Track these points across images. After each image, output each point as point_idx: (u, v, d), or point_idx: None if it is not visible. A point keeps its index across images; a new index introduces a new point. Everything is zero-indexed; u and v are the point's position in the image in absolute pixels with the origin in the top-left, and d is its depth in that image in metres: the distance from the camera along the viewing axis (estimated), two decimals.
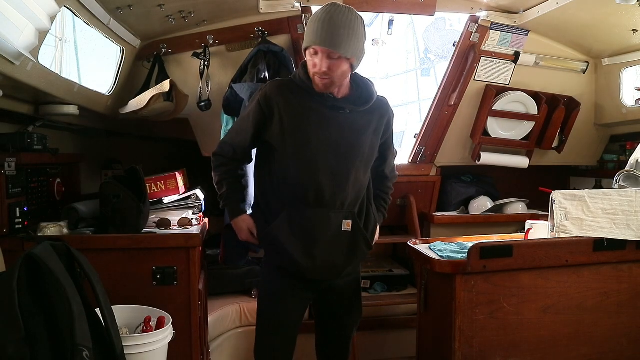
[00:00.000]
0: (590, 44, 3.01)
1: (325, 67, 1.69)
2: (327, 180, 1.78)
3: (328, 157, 1.78)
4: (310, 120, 1.78)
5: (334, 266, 1.85)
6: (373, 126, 1.86)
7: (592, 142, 3.43)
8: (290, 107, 1.79)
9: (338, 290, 1.93)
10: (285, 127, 1.78)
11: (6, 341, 1.29)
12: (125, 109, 2.54)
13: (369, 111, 1.85)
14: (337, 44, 1.67)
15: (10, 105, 2.04)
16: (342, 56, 1.69)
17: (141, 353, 1.72)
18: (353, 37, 1.69)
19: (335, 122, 1.80)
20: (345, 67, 1.73)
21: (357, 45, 1.72)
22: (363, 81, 1.88)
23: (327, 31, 1.66)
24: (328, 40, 1.67)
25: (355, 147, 1.82)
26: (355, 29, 1.70)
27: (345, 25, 1.67)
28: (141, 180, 2.22)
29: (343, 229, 1.83)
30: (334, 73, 1.71)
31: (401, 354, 2.90)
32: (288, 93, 1.80)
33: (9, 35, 1.53)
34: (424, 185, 3.35)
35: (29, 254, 1.42)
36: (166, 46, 2.69)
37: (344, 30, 1.67)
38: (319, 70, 1.71)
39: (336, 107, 1.80)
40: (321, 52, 1.69)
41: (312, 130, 1.78)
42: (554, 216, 2.07)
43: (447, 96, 3.13)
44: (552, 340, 2.01)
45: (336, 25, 1.66)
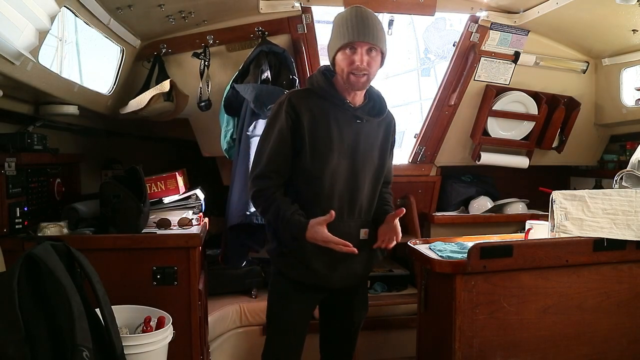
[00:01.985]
0: (590, 44, 3.01)
1: (366, 62, 1.70)
2: (346, 189, 1.80)
3: (347, 166, 1.79)
4: (331, 130, 1.76)
5: (354, 275, 1.87)
6: (383, 136, 1.88)
7: (592, 142, 3.43)
8: (313, 116, 1.76)
9: (348, 290, 1.93)
10: (309, 136, 1.75)
11: (6, 341, 1.29)
12: (125, 109, 2.54)
13: (379, 122, 1.87)
14: (377, 37, 1.70)
15: (10, 105, 2.04)
16: (379, 50, 1.72)
17: (141, 353, 1.72)
18: (382, 32, 1.73)
19: (354, 132, 1.80)
20: (379, 63, 1.76)
21: (385, 41, 1.75)
22: (374, 92, 1.89)
23: (364, 26, 1.68)
24: (368, 35, 1.68)
25: (370, 157, 1.84)
26: (381, 25, 1.74)
27: (376, 21, 1.72)
28: (141, 180, 2.22)
29: (361, 238, 1.84)
30: (371, 69, 1.73)
31: (401, 354, 2.90)
32: (310, 102, 1.78)
33: (9, 35, 1.53)
34: (424, 185, 3.35)
35: (29, 254, 1.42)
36: (166, 46, 2.69)
37: (376, 24, 1.71)
38: (360, 66, 1.70)
39: (355, 117, 1.80)
40: (361, 47, 1.69)
41: (334, 139, 1.76)
42: (554, 216, 2.07)
43: (447, 96, 3.13)
44: (552, 340, 2.01)
45: (370, 20, 1.69)
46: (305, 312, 1.92)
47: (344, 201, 1.80)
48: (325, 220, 1.69)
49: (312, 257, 1.77)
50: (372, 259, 1.92)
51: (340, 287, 1.88)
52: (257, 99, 2.35)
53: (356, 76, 1.71)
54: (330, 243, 1.70)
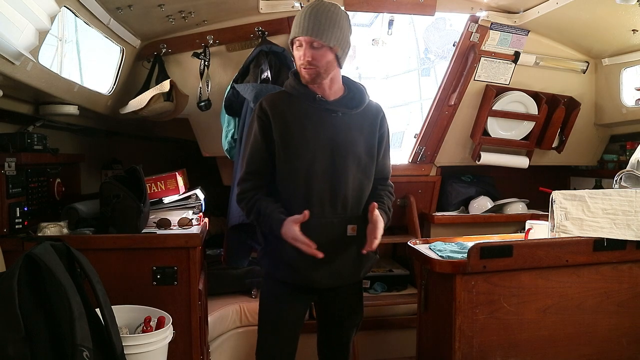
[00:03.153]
0: (590, 44, 3.01)
1: (309, 57, 1.70)
2: (325, 184, 1.77)
3: (325, 161, 1.77)
4: (304, 126, 1.77)
5: (341, 274, 1.83)
6: (367, 129, 1.84)
7: (592, 142, 3.43)
8: (284, 115, 1.78)
9: (340, 293, 1.91)
10: (280, 136, 1.77)
11: (6, 341, 1.29)
12: (125, 109, 2.54)
13: (362, 114, 1.84)
14: (319, 32, 1.68)
15: (10, 105, 2.04)
16: (324, 45, 1.70)
17: (141, 353, 1.72)
18: (335, 27, 1.71)
19: (330, 126, 1.79)
20: (329, 57, 1.73)
21: (340, 35, 1.72)
22: (355, 85, 1.88)
23: (309, 21, 1.69)
24: (310, 30, 1.69)
25: (350, 149, 1.80)
26: (337, 20, 1.72)
27: (327, 16, 1.70)
28: (141, 180, 2.22)
29: (348, 234, 1.81)
30: (318, 62, 1.71)
31: (401, 354, 2.90)
32: (281, 103, 1.81)
33: (9, 35, 1.53)
34: (424, 185, 3.35)
35: (29, 254, 1.42)
36: (166, 46, 2.69)
37: (326, 20, 1.69)
38: (303, 60, 1.72)
39: (329, 110, 1.79)
40: (304, 42, 1.71)
41: (307, 135, 1.76)
42: (554, 216, 2.07)
43: (447, 96, 3.13)
44: (552, 340, 2.01)
45: (318, 15, 1.69)
46: (295, 312, 1.89)
47: (325, 197, 1.77)
48: (298, 219, 1.68)
49: (295, 255, 1.74)
50: (363, 258, 1.86)
51: (327, 287, 1.85)
52: (257, 98, 2.35)
53: (305, 69, 1.73)
54: (297, 242, 1.68)
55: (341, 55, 1.76)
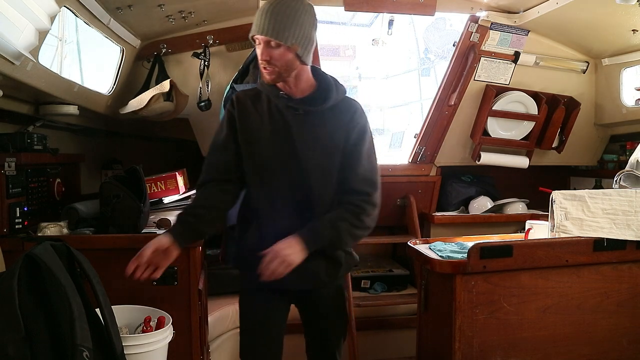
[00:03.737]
0: (590, 44, 3.01)
1: (267, 56, 1.63)
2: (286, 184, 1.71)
3: (284, 160, 1.71)
4: (265, 124, 1.72)
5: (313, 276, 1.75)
6: (332, 128, 1.72)
7: (592, 142, 3.43)
8: (249, 112, 1.74)
9: (320, 297, 1.86)
10: (244, 132, 1.74)
11: (6, 341, 1.29)
12: (125, 109, 2.54)
13: (329, 113, 1.73)
14: (276, 31, 1.60)
15: (10, 105, 2.04)
16: (281, 44, 1.61)
17: (141, 353, 1.71)
18: (295, 24, 1.61)
19: (291, 124, 1.71)
20: (289, 57, 1.64)
21: (299, 33, 1.63)
22: (326, 81, 1.76)
23: (265, 19, 1.61)
24: (266, 28, 1.61)
25: (310, 149, 1.71)
26: (297, 16, 1.62)
27: (286, 12, 1.61)
28: (141, 180, 2.22)
29: None
30: (277, 62, 1.63)
31: (401, 354, 2.90)
32: (249, 98, 1.77)
33: (9, 35, 1.53)
34: (424, 185, 3.35)
35: (29, 254, 1.42)
36: (166, 46, 2.69)
37: (285, 17, 1.61)
38: (261, 60, 1.65)
39: (291, 108, 1.71)
40: (262, 41, 1.64)
41: (267, 134, 1.72)
42: (554, 216, 2.07)
43: (447, 96, 3.13)
44: (552, 340, 2.01)
45: (275, 13, 1.61)
46: (269, 312, 1.84)
47: (287, 198, 1.71)
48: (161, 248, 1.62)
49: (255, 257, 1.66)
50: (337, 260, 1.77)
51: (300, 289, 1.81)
52: None
53: (264, 70, 1.67)
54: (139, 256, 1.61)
55: (302, 53, 1.66)
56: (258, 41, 1.65)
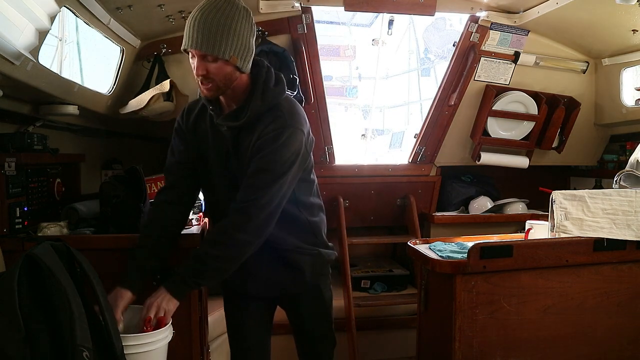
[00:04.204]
0: (590, 44, 3.01)
1: (203, 71, 1.51)
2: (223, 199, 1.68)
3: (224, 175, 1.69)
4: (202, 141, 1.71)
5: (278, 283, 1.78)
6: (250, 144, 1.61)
7: (592, 142, 3.43)
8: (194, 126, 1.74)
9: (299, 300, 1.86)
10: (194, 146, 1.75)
11: (6, 341, 1.29)
12: (125, 109, 2.54)
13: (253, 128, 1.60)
14: (211, 44, 1.47)
15: (10, 105, 2.04)
16: (219, 58, 1.49)
17: (141, 353, 1.71)
18: (230, 34, 1.48)
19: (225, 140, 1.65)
20: (227, 70, 1.52)
21: (236, 43, 1.50)
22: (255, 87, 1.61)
23: (198, 31, 1.47)
24: (199, 42, 1.47)
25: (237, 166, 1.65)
26: (232, 25, 1.48)
27: (220, 22, 1.47)
28: (141, 180, 2.22)
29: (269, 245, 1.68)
30: (215, 77, 1.52)
31: (401, 354, 2.90)
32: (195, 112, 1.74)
33: (9, 35, 1.53)
34: (424, 185, 3.35)
35: (29, 254, 1.41)
36: (166, 46, 2.69)
37: (218, 27, 1.47)
38: (197, 75, 1.53)
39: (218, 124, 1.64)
40: (196, 55, 1.51)
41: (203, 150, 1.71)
42: (554, 216, 2.06)
43: (447, 96, 3.13)
44: (552, 340, 2.01)
45: (209, 23, 1.46)
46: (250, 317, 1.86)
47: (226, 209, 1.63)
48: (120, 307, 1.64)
49: None
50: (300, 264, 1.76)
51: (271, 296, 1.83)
52: None
53: (202, 85, 1.56)
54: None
55: (242, 65, 1.54)
56: (191, 54, 1.53)
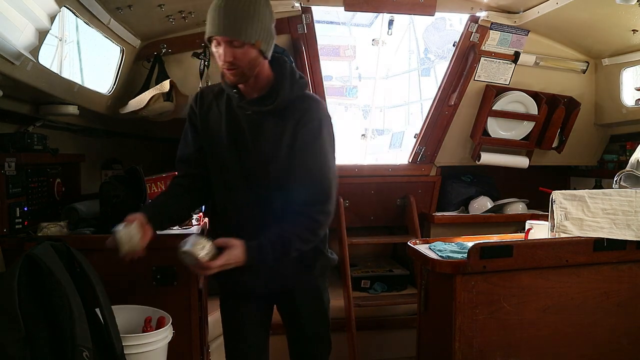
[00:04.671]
0: (590, 44, 3.01)
1: (230, 57, 1.52)
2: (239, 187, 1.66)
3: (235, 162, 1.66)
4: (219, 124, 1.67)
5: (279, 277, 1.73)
6: (281, 129, 1.62)
7: (592, 142, 3.43)
8: (209, 110, 1.71)
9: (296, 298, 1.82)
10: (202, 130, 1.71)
11: (6, 341, 1.29)
12: (125, 109, 2.54)
13: (281, 113, 1.62)
14: (237, 29, 1.50)
15: (10, 105, 2.04)
16: (245, 42, 1.51)
17: (141, 353, 1.72)
18: (255, 19, 1.51)
19: (240, 125, 1.64)
20: (252, 55, 1.54)
21: (261, 28, 1.53)
22: (282, 75, 1.64)
23: (224, 17, 1.49)
24: (226, 27, 1.50)
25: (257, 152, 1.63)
26: (256, 10, 1.52)
27: (244, 8, 1.50)
28: (141, 180, 2.22)
29: None
30: (241, 62, 1.54)
31: (401, 354, 2.90)
32: (211, 96, 1.72)
33: (9, 35, 1.53)
34: (424, 185, 3.35)
35: (29, 254, 1.42)
36: (166, 46, 2.69)
37: (243, 13, 1.50)
38: (224, 61, 1.54)
39: (242, 108, 1.64)
40: (223, 42, 1.52)
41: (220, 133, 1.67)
42: (554, 216, 2.06)
43: (447, 96, 3.13)
44: (552, 340, 2.01)
45: (233, 9, 1.50)
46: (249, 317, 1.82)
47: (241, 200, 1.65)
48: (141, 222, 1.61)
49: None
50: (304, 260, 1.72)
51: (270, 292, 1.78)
52: None
53: (228, 71, 1.57)
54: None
55: (265, 49, 1.57)
56: (216, 42, 1.54)
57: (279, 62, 1.66)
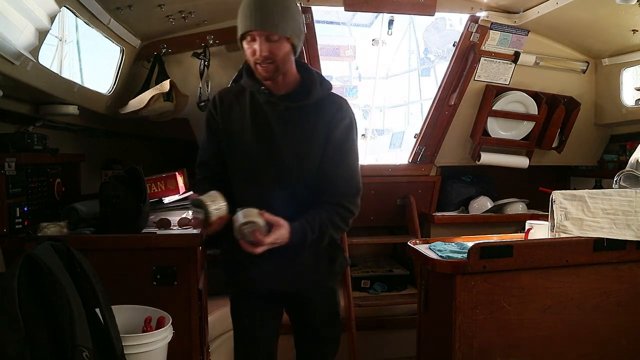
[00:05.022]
0: (590, 44, 3.01)
1: (267, 51, 1.54)
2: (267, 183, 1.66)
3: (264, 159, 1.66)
4: (247, 121, 1.68)
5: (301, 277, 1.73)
6: (315, 125, 1.66)
7: (592, 142, 3.43)
8: (231, 109, 1.71)
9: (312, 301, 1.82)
10: (226, 129, 1.71)
11: (6, 341, 1.29)
12: (125, 109, 2.54)
13: (313, 110, 1.66)
14: (274, 23, 1.53)
15: (10, 105, 2.04)
16: (281, 36, 1.55)
17: (141, 353, 1.72)
18: (289, 14, 1.56)
19: (271, 121, 1.66)
20: (286, 49, 1.58)
21: (294, 23, 1.58)
22: (309, 77, 1.69)
23: (262, 12, 1.53)
24: (264, 22, 1.53)
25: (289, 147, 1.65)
26: (289, 5, 1.57)
27: (278, 2, 1.55)
28: (141, 180, 2.22)
29: None
30: (276, 57, 1.56)
31: (401, 354, 2.90)
32: (231, 96, 1.72)
33: (9, 35, 1.53)
34: (424, 185, 3.35)
35: (29, 254, 1.42)
36: (166, 46, 2.69)
37: (279, 8, 1.54)
38: (260, 56, 1.56)
39: (272, 104, 1.66)
40: (259, 36, 1.54)
41: (248, 130, 1.68)
42: (554, 216, 2.07)
43: (447, 96, 3.13)
44: (552, 340, 2.01)
45: (268, 4, 1.54)
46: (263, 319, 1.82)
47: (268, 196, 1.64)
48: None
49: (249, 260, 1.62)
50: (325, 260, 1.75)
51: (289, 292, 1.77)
52: None
53: (262, 66, 1.58)
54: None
55: (297, 44, 1.62)
56: (251, 37, 1.56)
57: (299, 62, 1.71)
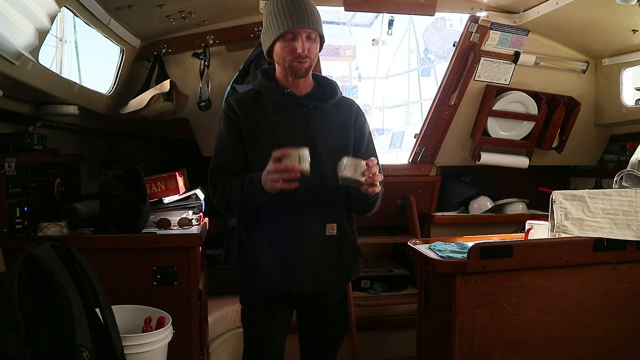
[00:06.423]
0: (590, 44, 3.01)
1: (306, 50, 1.65)
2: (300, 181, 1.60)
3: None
4: (274, 122, 1.70)
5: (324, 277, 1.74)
6: (341, 122, 1.77)
7: (592, 142, 3.43)
8: (254, 112, 1.72)
9: (325, 300, 1.82)
10: (251, 133, 1.71)
11: (6, 341, 1.29)
12: (125, 109, 2.54)
13: (335, 108, 1.78)
14: (315, 22, 1.65)
15: (10, 105, 2.04)
16: (317, 35, 1.68)
17: (141, 353, 1.72)
18: (319, 16, 1.68)
19: (301, 120, 1.72)
20: (317, 47, 1.70)
21: (321, 22, 1.69)
22: (324, 79, 1.83)
23: (302, 12, 1.62)
24: (307, 20, 1.62)
25: (324, 143, 1.71)
26: (314, 5, 1.69)
27: (312, 5, 1.67)
28: (141, 180, 2.22)
29: (327, 234, 1.72)
30: (312, 54, 1.67)
31: (401, 354, 2.90)
32: (250, 100, 1.75)
33: (9, 35, 1.53)
34: (424, 185, 3.35)
35: (29, 254, 1.42)
36: (166, 46, 2.69)
37: (312, 8, 1.66)
38: (303, 52, 1.64)
39: (299, 105, 1.72)
40: (301, 34, 1.63)
41: (277, 131, 1.69)
42: (554, 216, 2.07)
43: (447, 96, 3.13)
44: (552, 340, 2.01)
45: (303, 3, 1.64)
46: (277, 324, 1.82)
47: (301, 194, 1.63)
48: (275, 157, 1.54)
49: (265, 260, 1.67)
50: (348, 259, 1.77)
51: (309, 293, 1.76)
52: None
53: (300, 63, 1.65)
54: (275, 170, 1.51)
55: (323, 43, 1.75)
56: (291, 35, 1.64)
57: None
